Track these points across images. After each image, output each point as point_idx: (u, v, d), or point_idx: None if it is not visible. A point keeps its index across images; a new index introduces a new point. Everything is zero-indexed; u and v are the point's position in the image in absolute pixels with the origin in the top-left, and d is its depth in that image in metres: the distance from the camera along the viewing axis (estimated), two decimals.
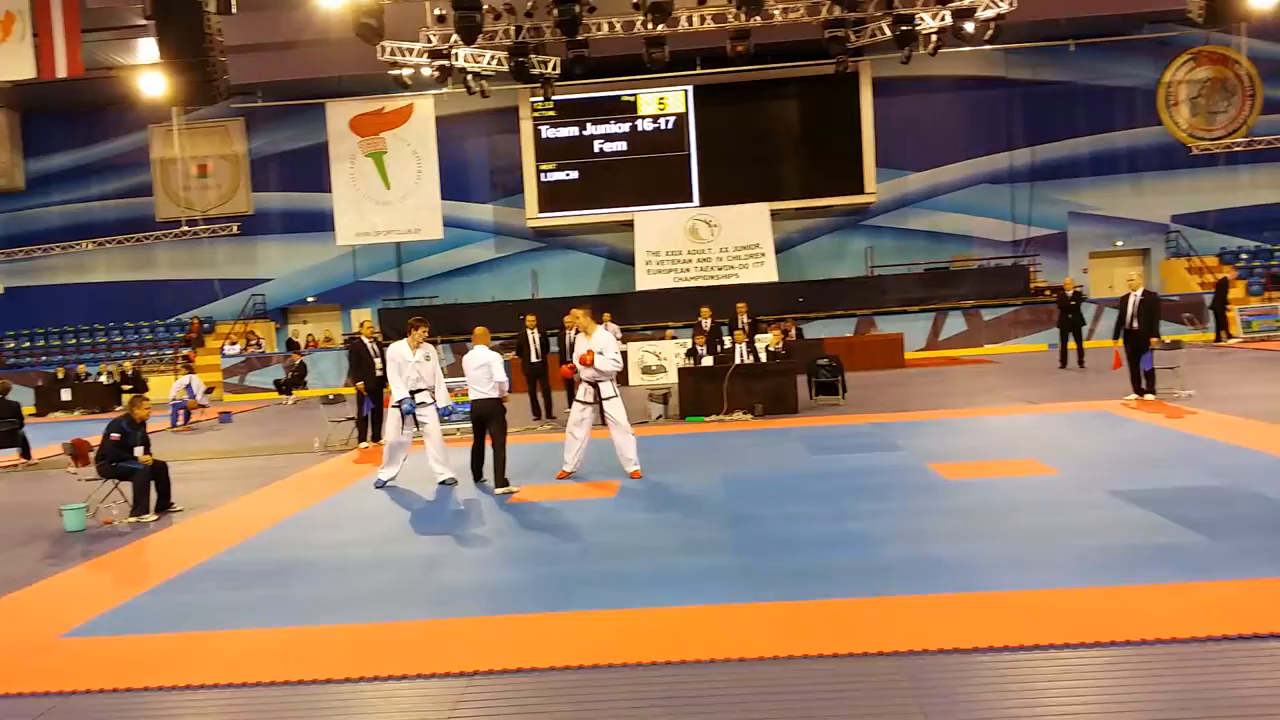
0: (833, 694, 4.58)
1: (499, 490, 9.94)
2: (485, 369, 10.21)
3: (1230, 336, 23.12)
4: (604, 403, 10.29)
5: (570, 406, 10.76)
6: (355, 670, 5.18)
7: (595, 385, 10.31)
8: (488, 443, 10.33)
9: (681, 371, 15.75)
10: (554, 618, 5.87)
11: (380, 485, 10.70)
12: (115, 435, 9.93)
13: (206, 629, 6.07)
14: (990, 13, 20.45)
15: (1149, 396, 13.47)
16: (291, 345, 28.16)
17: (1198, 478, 8.56)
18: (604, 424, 10.52)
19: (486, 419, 10.28)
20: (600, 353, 10.20)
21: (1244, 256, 27.94)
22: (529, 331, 15.77)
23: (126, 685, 5.18)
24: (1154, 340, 13.48)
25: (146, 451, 10.13)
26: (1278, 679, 4.49)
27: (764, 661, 4.96)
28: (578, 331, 10.69)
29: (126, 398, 25.39)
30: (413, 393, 10.66)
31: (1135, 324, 13.62)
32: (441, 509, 9.49)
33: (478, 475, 10.56)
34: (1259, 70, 28.17)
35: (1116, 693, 4.44)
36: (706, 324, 17.72)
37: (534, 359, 15.75)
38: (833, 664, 4.90)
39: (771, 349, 16.09)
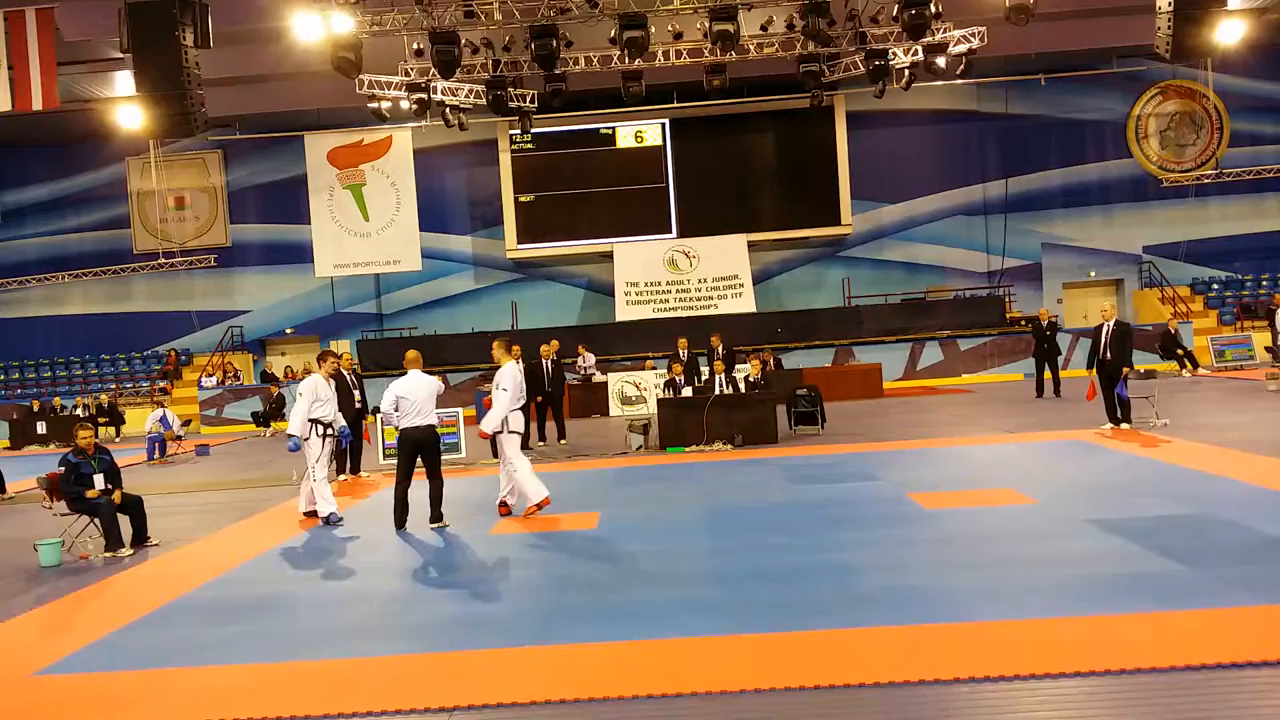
0: None
1: (435, 526, 9.70)
2: (430, 397, 9.80)
3: (1195, 366, 23.06)
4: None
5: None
6: (333, 706, 5.12)
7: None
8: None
9: (661, 402, 15.78)
10: (534, 651, 5.84)
11: (338, 520, 10.61)
12: (63, 469, 9.79)
13: (182, 665, 6.00)
14: (962, 48, 20.79)
15: (1124, 426, 13.58)
16: (267, 378, 28.00)
17: (1174, 506, 8.63)
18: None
19: (424, 448, 9.76)
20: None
21: (1215, 287, 28.31)
22: (544, 361, 16.37)
23: None
24: (1126, 370, 13.61)
25: (117, 486, 9.98)
26: (1255, 707, 4.53)
27: (745, 694, 4.95)
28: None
29: (103, 431, 25.33)
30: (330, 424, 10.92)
31: (1108, 354, 13.76)
32: (420, 542, 9.41)
33: (402, 523, 9.81)
34: (1225, 104, 28.68)
35: None
36: (684, 354, 17.80)
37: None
38: (813, 695, 4.89)
39: (752, 379, 16.14)
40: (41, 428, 24.89)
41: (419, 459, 9.83)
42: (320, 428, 10.85)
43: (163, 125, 16.27)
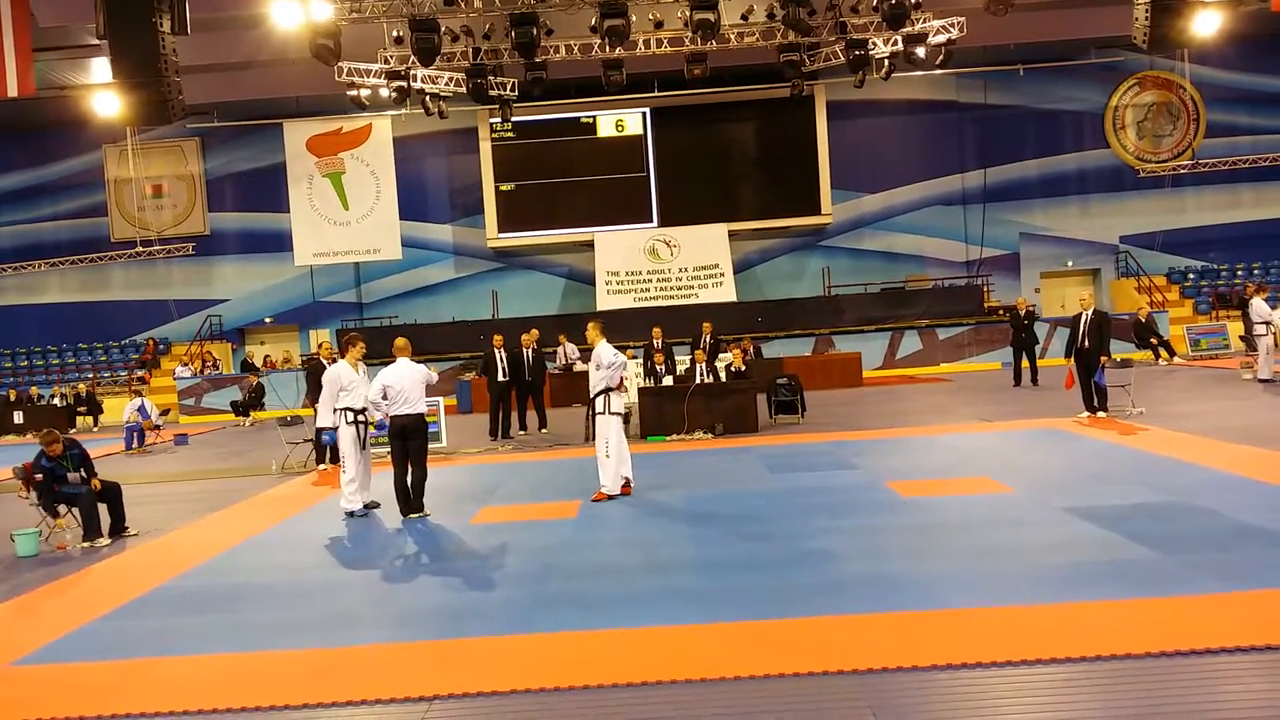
0: (792, 713, 4.61)
1: (414, 516, 9.73)
2: (417, 385, 9.83)
3: (1171, 355, 23.20)
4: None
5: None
6: (313, 695, 5.14)
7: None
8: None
9: (642, 391, 15.80)
10: (515, 640, 5.86)
11: (349, 516, 10.14)
12: (38, 475, 9.62)
13: (161, 654, 5.99)
14: (941, 38, 20.82)
15: (1101, 414, 13.69)
16: (248, 367, 27.87)
17: (1149, 494, 8.72)
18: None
19: (411, 436, 9.78)
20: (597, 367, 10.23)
21: (1191, 276, 28.53)
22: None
23: (80, 713, 5.09)
24: (1104, 358, 13.72)
25: (92, 476, 9.88)
26: (1229, 692, 4.60)
27: (724, 681, 4.99)
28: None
29: (81, 420, 25.15)
30: (362, 411, 10.31)
31: (1086, 343, 13.86)
32: (400, 532, 9.42)
33: (408, 508, 9.83)
34: (1202, 94, 28.88)
35: (1072, 709, 4.51)
36: (659, 344, 17.73)
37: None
38: (792, 683, 4.93)
39: (736, 368, 16.17)
40: (19, 417, 24.68)
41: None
42: (350, 415, 10.29)
43: (140, 112, 16.11)
